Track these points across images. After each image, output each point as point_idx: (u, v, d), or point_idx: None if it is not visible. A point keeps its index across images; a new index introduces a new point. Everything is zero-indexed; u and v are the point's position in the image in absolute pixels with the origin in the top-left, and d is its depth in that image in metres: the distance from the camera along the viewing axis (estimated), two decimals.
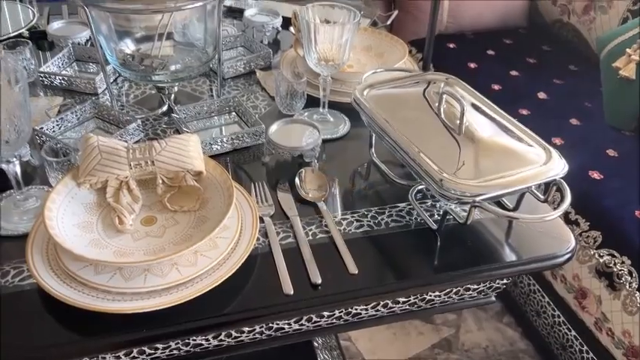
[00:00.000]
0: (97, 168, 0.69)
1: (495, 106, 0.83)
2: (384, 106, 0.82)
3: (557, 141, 1.44)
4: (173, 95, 1.00)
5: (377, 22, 1.39)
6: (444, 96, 0.80)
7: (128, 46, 0.94)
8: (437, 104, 0.81)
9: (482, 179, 0.69)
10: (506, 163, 0.72)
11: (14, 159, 0.71)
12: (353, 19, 0.88)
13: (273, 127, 0.89)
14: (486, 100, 0.85)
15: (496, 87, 1.67)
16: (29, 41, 1.03)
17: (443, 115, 0.80)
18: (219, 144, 0.89)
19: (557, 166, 0.71)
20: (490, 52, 1.87)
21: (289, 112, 1.00)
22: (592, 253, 1.27)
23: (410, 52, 1.92)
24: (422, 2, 1.89)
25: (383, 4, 1.55)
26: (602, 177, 1.34)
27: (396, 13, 1.39)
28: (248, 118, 0.96)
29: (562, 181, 0.71)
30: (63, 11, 1.31)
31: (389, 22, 1.35)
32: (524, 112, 1.55)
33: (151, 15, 0.89)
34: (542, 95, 1.63)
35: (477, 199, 0.67)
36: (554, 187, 0.72)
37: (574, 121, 1.53)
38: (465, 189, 0.67)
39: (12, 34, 1.16)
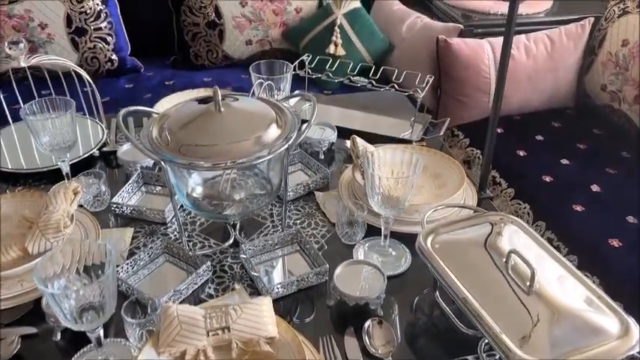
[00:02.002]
0: (177, 339, 0.72)
1: (561, 257, 0.83)
2: (449, 255, 0.83)
3: (615, 243, 1.42)
4: (238, 225, 1.03)
5: (430, 128, 1.42)
6: (512, 255, 0.80)
7: (197, 186, 0.99)
8: (504, 260, 0.81)
9: (556, 355, 0.68)
10: (580, 336, 0.71)
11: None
12: (417, 163, 0.90)
13: (338, 271, 0.91)
14: (552, 249, 0.85)
15: (547, 179, 1.66)
16: (103, 173, 1.09)
17: (510, 272, 0.80)
18: (285, 287, 0.91)
19: (636, 341, 0.70)
20: (539, 137, 1.87)
21: (350, 241, 1.02)
22: None
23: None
24: (467, 88, 1.91)
25: (429, 90, 1.55)
26: None
27: (447, 121, 1.42)
28: (311, 253, 0.98)
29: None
30: (128, 123, 1.38)
31: (442, 132, 1.37)
32: (579, 208, 1.53)
33: None
34: (595, 188, 1.61)
35: None
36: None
37: (631, 219, 1.50)
38: None
39: (84, 155, 1.23)
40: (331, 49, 2.08)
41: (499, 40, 1.91)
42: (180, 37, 2.22)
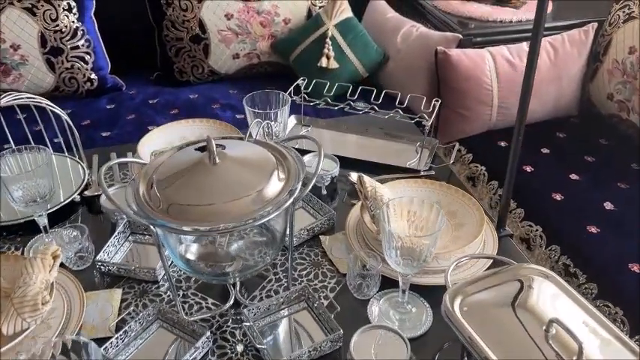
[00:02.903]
0: None
1: (606, 320, 0.75)
2: (479, 320, 0.74)
3: (636, 268, 1.34)
4: (238, 284, 0.93)
5: (437, 154, 1.32)
6: (554, 324, 0.71)
7: (190, 246, 0.89)
8: (544, 328, 0.72)
9: None
10: None
11: None
12: (439, 214, 0.81)
13: (355, 339, 0.81)
14: (595, 311, 0.76)
15: (557, 196, 1.58)
16: (85, 228, 0.98)
17: (552, 343, 0.71)
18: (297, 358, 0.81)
19: None
20: (544, 149, 1.79)
21: (362, 297, 0.93)
22: None
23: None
24: (468, 100, 1.82)
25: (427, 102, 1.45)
26: None
27: (457, 146, 1.33)
28: (321, 314, 0.89)
29: None
30: (112, 159, 1.26)
31: (452, 161, 1.28)
32: (593, 229, 1.45)
33: None
34: (608, 206, 1.53)
35: None
36: None
37: None
38: None
39: (63, 202, 1.12)
40: (323, 62, 1.98)
41: (500, 50, 1.83)
42: (163, 53, 2.10)
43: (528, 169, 1.71)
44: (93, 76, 1.99)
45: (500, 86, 1.79)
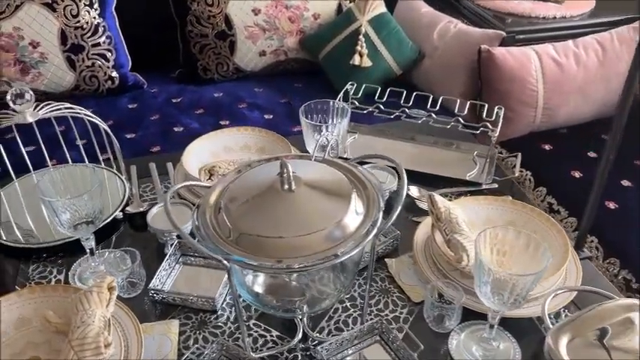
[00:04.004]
0: None
1: None
2: None
3: None
4: (307, 318, 0.86)
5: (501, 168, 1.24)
6: None
7: (257, 278, 0.81)
8: None
9: None
10: None
11: None
12: (541, 252, 0.74)
13: None
14: None
15: (611, 205, 1.50)
16: (137, 253, 0.91)
17: None
18: None
19: None
20: (591, 154, 1.71)
21: (441, 330, 0.86)
22: None
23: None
24: (512, 101, 1.74)
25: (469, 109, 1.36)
26: None
27: (519, 157, 1.25)
28: (399, 351, 0.81)
29: None
30: (152, 171, 1.18)
31: (517, 174, 1.21)
32: None
33: None
34: None
35: None
36: None
37: None
38: None
39: (106, 221, 1.04)
40: (356, 59, 1.89)
41: (546, 48, 1.75)
42: (187, 50, 2.01)
43: (577, 174, 1.63)
44: (114, 74, 1.91)
45: (546, 87, 1.71)
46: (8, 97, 0.93)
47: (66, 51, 1.82)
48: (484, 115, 1.17)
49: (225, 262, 0.70)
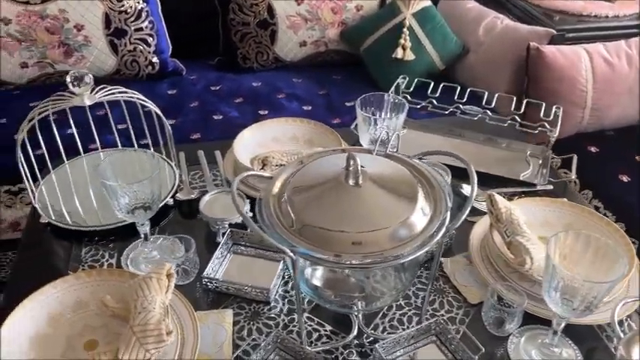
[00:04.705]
0: None
1: None
2: None
3: None
4: (361, 314, 0.84)
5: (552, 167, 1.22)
6: None
7: (318, 274, 0.80)
8: None
9: None
10: None
11: None
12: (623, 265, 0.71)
13: None
14: None
15: None
16: (192, 241, 0.90)
17: None
18: None
19: None
20: (639, 157, 1.66)
21: (500, 333, 0.84)
22: None
23: None
24: (560, 101, 1.69)
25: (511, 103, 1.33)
26: None
27: (575, 159, 1.21)
28: (457, 353, 0.80)
29: None
30: (200, 159, 1.18)
31: (574, 175, 1.18)
32: None
33: None
34: None
35: None
36: None
37: None
38: None
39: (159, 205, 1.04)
40: (399, 53, 1.87)
41: (597, 48, 1.70)
42: (227, 37, 2.00)
43: (625, 178, 1.59)
44: (155, 59, 1.91)
45: (596, 87, 1.66)
46: (68, 79, 0.93)
47: (109, 35, 1.83)
48: (541, 115, 1.14)
49: (290, 253, 0.69)
